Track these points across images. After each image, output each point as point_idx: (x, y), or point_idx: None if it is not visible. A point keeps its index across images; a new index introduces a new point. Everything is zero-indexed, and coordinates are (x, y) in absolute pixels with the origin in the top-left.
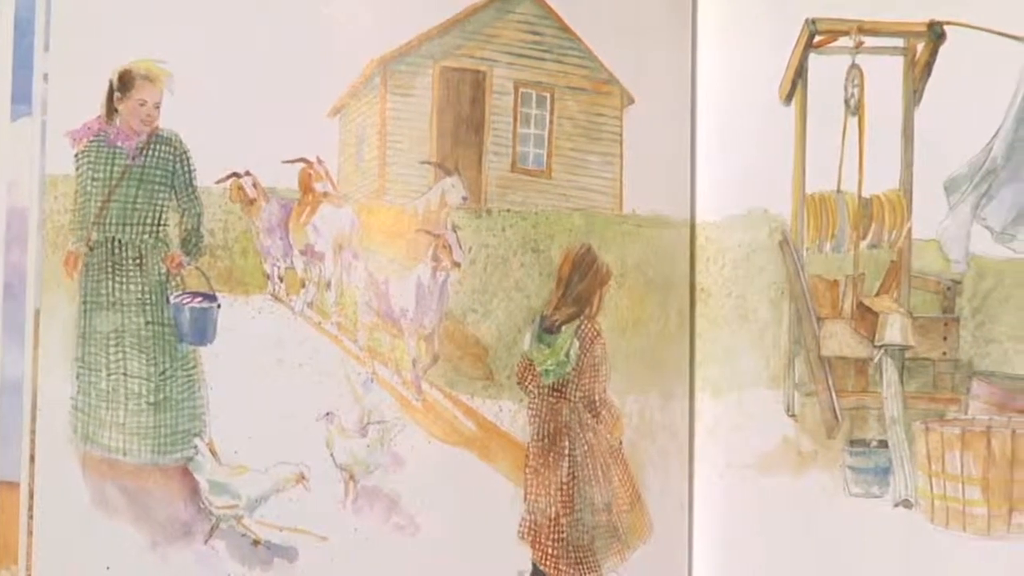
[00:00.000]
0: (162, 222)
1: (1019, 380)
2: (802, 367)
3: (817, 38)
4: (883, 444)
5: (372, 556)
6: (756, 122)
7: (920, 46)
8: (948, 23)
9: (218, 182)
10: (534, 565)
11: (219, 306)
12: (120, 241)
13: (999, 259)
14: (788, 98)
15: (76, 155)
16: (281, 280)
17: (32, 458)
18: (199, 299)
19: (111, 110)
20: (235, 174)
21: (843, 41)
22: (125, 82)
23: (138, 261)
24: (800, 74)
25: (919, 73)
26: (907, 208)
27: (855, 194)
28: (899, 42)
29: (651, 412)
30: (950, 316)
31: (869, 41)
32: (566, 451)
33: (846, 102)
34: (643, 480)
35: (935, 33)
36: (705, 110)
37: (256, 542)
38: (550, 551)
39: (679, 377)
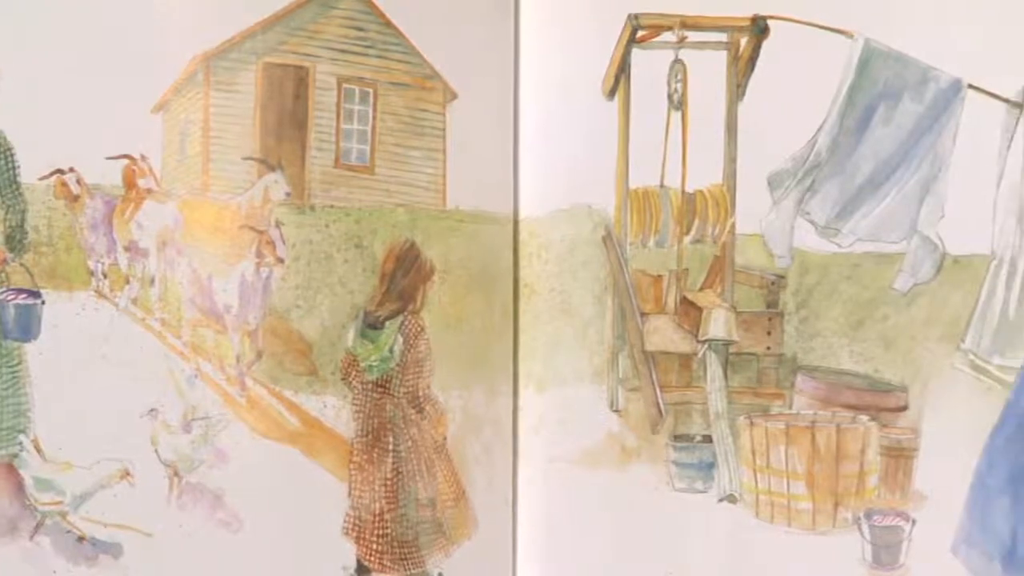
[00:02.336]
0: None
1: (843, 375)
2: (626, 362)
3: (640, 33)
4: (707, 439)
5: (197, 552)
6: (579, 117)
7: (743, 40)
8: (771, 17)
9: (42, 179)
10: (358, 561)
11: (43, 302)
12: None
13: (823, 253)
14: (611, 93)
15: None
16: (105, 276)
17: None
18: (23, 295)
19: None
20: (59, 170)
21: (666, 36)
22: None
23: None
24: (623, 69)
25: (742, 68)
26: (731, 203)
27: (679, 189)
28: (722, 36)
29: (475, 408)
30: (774, 311)
31: (692, 36)
32: (390, 447)
33: (669, 97)
34: (467, 476)
35: (758, 27)
36: (528, 105)
37: (81, 538)
38: (374, 547)
39: (503, 373)
